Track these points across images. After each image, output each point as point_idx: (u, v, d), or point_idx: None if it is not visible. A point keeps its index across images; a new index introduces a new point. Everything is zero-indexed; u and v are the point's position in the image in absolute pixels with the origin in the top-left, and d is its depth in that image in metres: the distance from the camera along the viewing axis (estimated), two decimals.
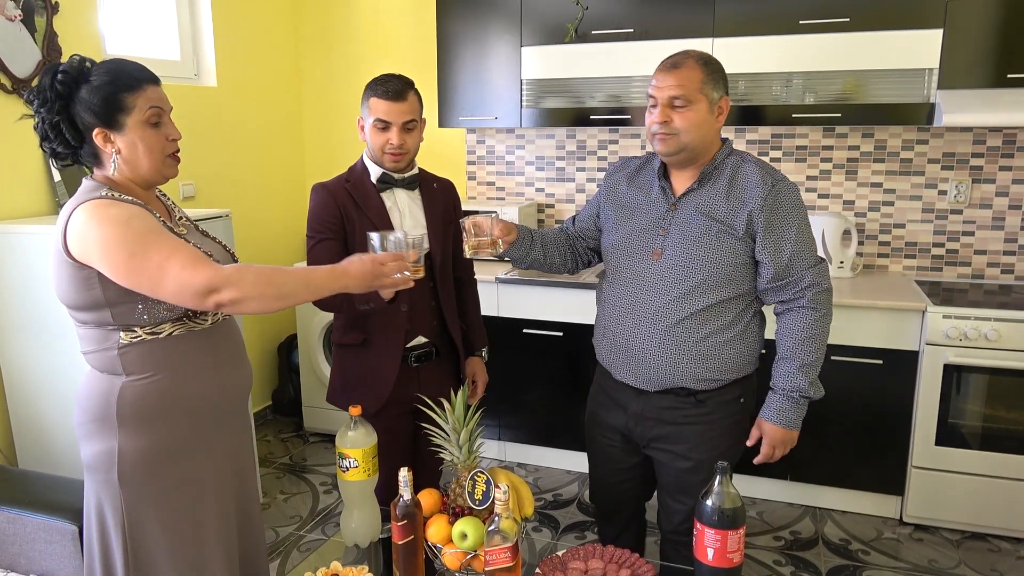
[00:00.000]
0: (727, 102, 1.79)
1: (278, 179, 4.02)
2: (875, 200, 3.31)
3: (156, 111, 1.51)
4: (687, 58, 1.76)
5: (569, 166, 3.73)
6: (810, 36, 2.91)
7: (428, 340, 2.14)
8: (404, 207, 2.09)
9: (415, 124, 2.03)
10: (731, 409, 1.87)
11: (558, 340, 3.24)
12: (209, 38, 3.48)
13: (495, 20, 3.34)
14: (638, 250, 1.86)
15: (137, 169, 1.52)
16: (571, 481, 3.34)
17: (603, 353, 1.99)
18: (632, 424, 1.94)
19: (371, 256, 1.58)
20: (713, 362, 1.81)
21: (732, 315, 1.81)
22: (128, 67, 1.52)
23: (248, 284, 1.42)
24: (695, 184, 1.81)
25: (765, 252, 1.76)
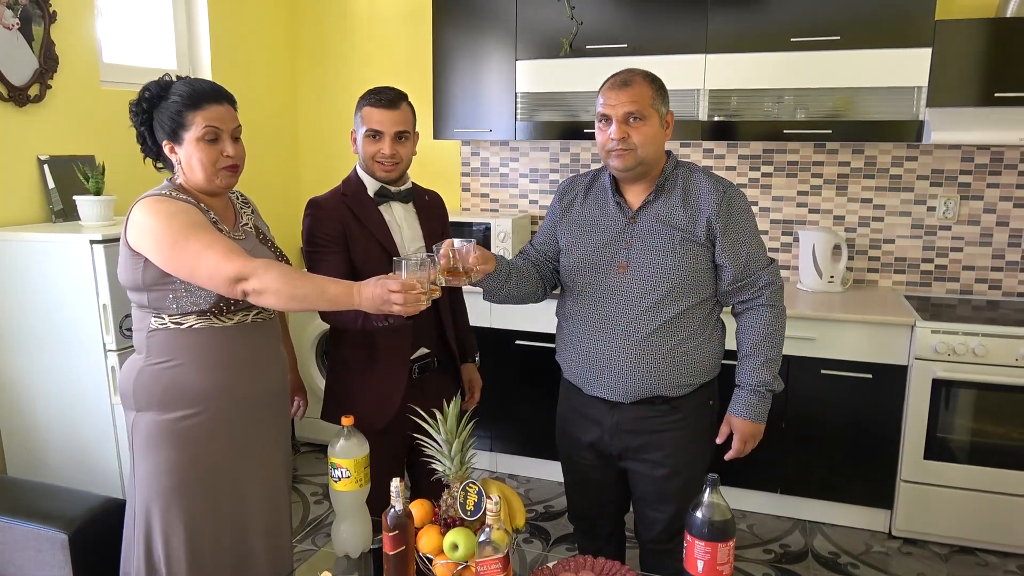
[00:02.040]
0: (672, 116, 1.87)
1: (272, 192, 4.02)
2: (865, 216, 3.34)
3: (212, 130, 1.69)
4: (635, 75, 1.82)
5: (563, 178, 3.75)
6: (802, 53, 2.95)
7: (429, 351, 2.14)
8: (402, 220, 2.09)
9: (408, 135, 2.02)
10: (702, 412, 1.93)
11: (550, 351, 3.23)
12: (206, 49, 3.50)
13: (491, 34, 3.37)
14: (602, 265, 1.88)
15: (192, 178, 1.72)
16: (562, 493, 3.32)
17: (572, 369, 1.99)
18: (607, 438, 1.94)
19: (384, 282, 1.60)
20: (686, 367, 1.86)
21: (699, 320, 1.86)
22: (199, 86, 1.71)
23: (270, 278, 1.57)
24: (651, 196, 1.86)
25: (725, 255, 1.83)
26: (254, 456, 1.83)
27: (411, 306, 1.59)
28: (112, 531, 1.81)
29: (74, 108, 2.82)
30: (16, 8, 2.58)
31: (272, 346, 1.87)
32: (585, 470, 2.04)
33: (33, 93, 2.65)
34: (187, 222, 1.62)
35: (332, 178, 4.11)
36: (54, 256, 2.40)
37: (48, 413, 2.52)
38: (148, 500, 1.74)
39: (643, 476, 1.95)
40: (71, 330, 2.42)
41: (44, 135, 2.72)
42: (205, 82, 1.73)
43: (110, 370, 2.38)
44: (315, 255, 2.00)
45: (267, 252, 1.82)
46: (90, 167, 2.71)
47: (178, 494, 1.73)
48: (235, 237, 1.74)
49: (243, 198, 1.95)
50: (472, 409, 2.28)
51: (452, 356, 2.21)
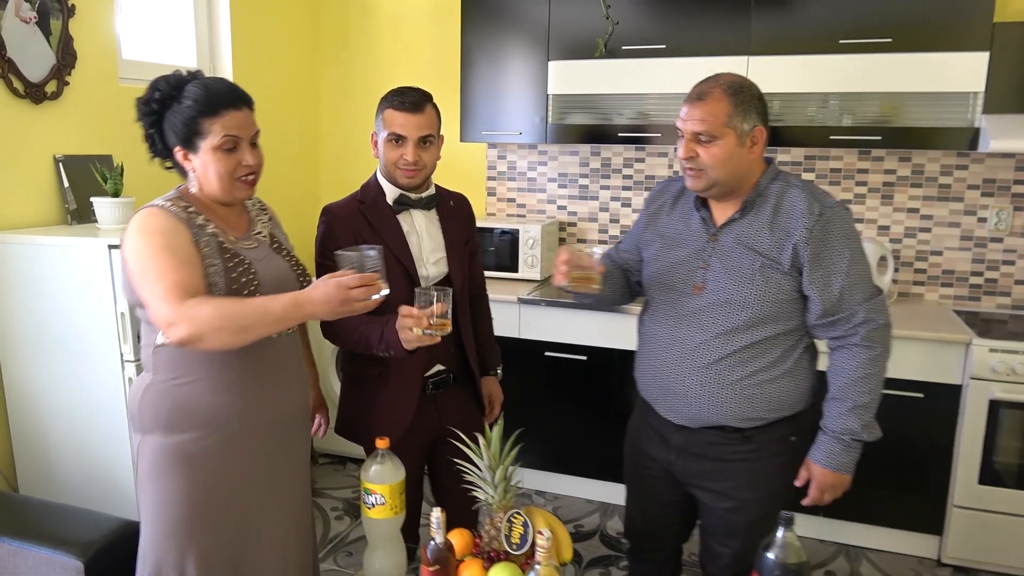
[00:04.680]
0: (762, 132, 1.66)
1: (291, 195, 3.91)
2: (911, 226, 3.20)
3: (230, 139, 1.56)
4: (715, 87, 1.63)
5: (593, 184, 3.63)
6: (850, 56, 2.81)
7: (445, 367, 2.03)
8: (422, 229, 1.97)
9: (432, 140, 1.90)
10: (781, 447, 1.76)
11: (581, 364, 3.12)
12: (227, 47, 3.39)
13: (522, 33, 3.25)
14: (678, 283, 1.77)
15: (207, 188, 1.59)
16: (592, 511, 3.21)
17: (644, 388, 1.90)
18: (674, 458, 1.83)
19: (336, 280, 1.48)
20: (759, 401, 1.70)
21: (779, 352, 1.70)
22: (216, 89, 1.56)
23: (203, 320, 1.42)
24: (737, 214, 1.71)
25: (813, 287, 1.65)
26: (272, 483, 1.68)
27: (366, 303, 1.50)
28: (130, 557, 1.67)
29: (92, 106, 2.72)
30: (34, 1, 2.47)
31: (291, 362, 1.72)
32: (650, 488, 1.93)
33: (50, 90, 2.54)
34: (160, 246, 1.47)
35: (353, 182, 3.99)
36: (71, 260, 2.29)
37: (62, 427, 2.40)
38: (156, 533, 1.59)
39: (710, 507, 1.83)
40: (87, 339, 2.30)
41: (60, 133, 2.61)
42: (222, 82, 1.60)
43: (127, 382, 2.27)
44: (322, 267, 1.91)
45: (280, 263, 1.68)
46: (108, 167, 2.60)
47: (188, 526, 1.58)
48: (245, 247, 1.61)
49: (260, 204, 1.81)
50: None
51: (470, 371, 2.09)
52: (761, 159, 1.71)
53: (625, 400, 3.13)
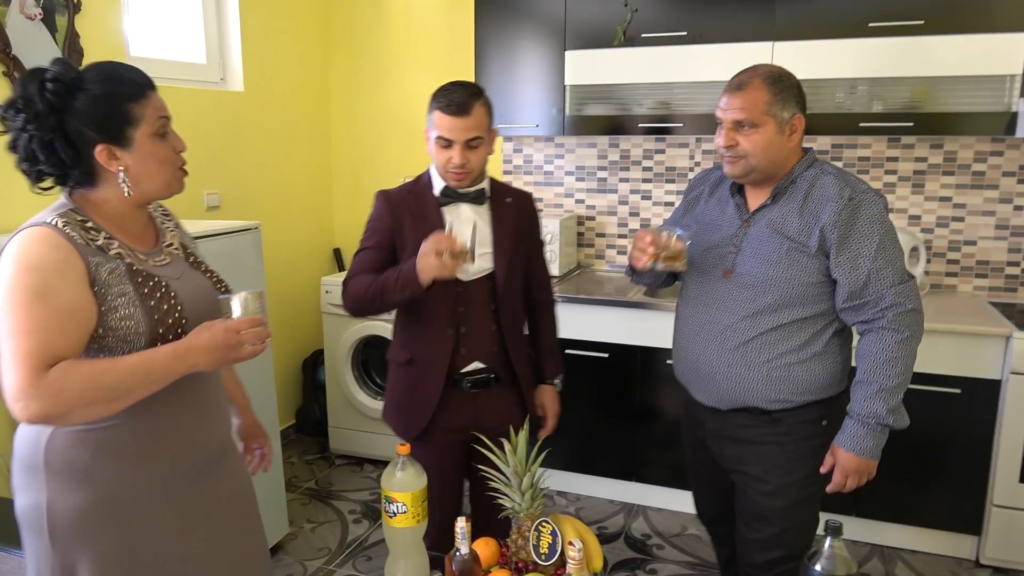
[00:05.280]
0: (801, 120, 1.70)
1: (305, 188, 3.85)
2: (944, 215, 3.09)
3: (164, 121, 1.35)
4: (754, 77, 1.69)
5: (611, 176, 3.54)
6: (880, 40, 2.71)
7: (486, 366, 1.97)
8: (470, 223, 1.92)
9: (480, 141, 1.86)
10: (811, 431, 1.77)
11: (603, 362, 3.04)
12: (236, 41, 3.32)
13: (537, 22, 3.17)
14: (710, 268, 1.81)
15: (144, 187, 1.35)
16: (616, 512, 3.13)
17: (679, 371, 1.95)
18: (710, 442, 1.90)
19: (222, 324, 1.31)
20: (785, 383, 1.73)
21: (807, 335, 1.72)
22: (126, 72, 1.34)
23: (70, 395, 1.19)
24: (768, 200, 1.75)
25: (840, 269, 1.67)
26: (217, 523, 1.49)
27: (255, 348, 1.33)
28: None
29: None
30: None
31: (218, 392, 1.52)
32: (701, 469, 2.02)
33: None
34: (32, 290, 1.20)
35: (365, 175, 3.98)
36: None
37: None
38: None
39: (741, 491, 1.86)
40: None
41: None
42: (127, 66, 1.36)
43: None
44: (362, 252, 1.95)
45: (199, 279, 1.46)
46: None
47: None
48: (158, 264, 1.38)
49: (163, 210, 1.54)
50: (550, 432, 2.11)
51: (514, 375, 2.01)
52: (799, 147, 1.75)
53: (648, 398, 3.04)
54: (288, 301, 3.73)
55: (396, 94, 3.81)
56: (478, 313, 1.93)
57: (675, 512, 3.10)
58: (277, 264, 3.59)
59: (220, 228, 2.52)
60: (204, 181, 3.13)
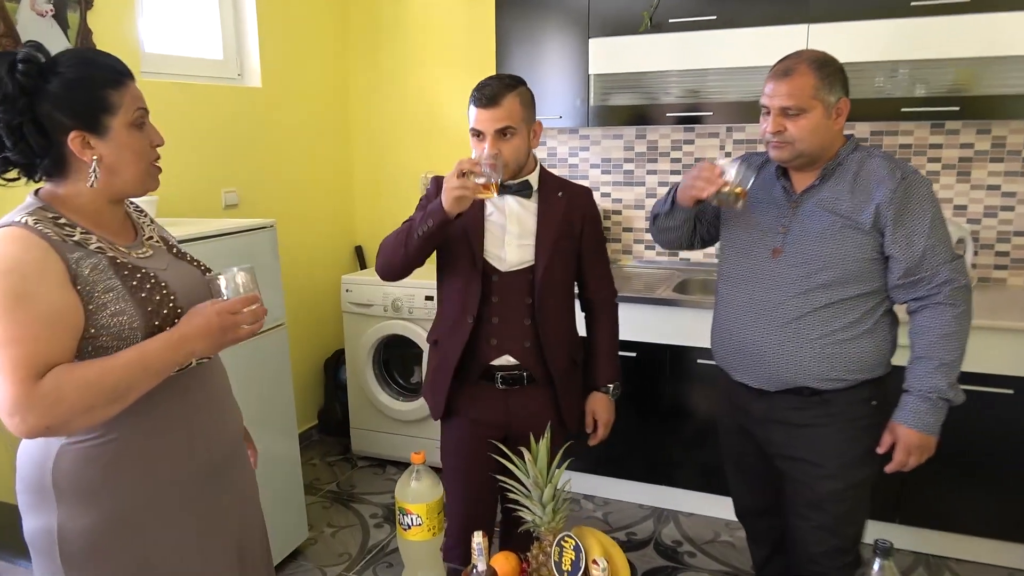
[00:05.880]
0: (846, 103, 1.73)
1: (325, 185, 3.79)
2: (992, 205, 2.92)
3: (142, 112, 1.29)
4: (799, 62, 1.69)
5: (638, 169, 3.42)
6: (923, 19, 2.55)
7: (518, 362, 1.90)
8: (511, 214, 1.89)
9: (513, 131, 1.81)
10: (861, 411, 1.77)
11: (630, 361, 2.93)
12: (253, 37, 3.26)
13: (559, 10, 3.06)
14: (757, 248, 1.81)
15: (117, 180, 1.27)
16: (645, 517, 3.02)
17: (720, 353, 1.94)
18: (755, 428, 1.88)
19: (215, 306, 1.25)
20: (838, 360, 1.73)
21: (860, 312, 1.73)
22: (103, 58, 1.28)
23: (67, 403, 1.13)
24: (817, 180, 1.75)
25: (896, 246, 1.68)
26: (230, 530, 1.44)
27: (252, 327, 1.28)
28: None
29: None
30: None
31: (225, 388, 1.48)
32: (742, 458, 1.98)
33: None
34: (14, 293, 1.13)
35: (386, 170, 3.90)
36: None
37: None
38: None
39: (791, 477, 1.83)
40: None
41: None
42: (103, 52, 1.30)
43: None
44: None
45: (187, 268, 1.40)
46: None
47: None
48: (141, 257, 1.32)
49: (135, 206, 1.47)
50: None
51: (548, 375, 1.92)
52: (842, 131, 1.77)
53: (679, 399, 2.93)
54: (308, 300, 3.67)
55: (417, 88, 3.73)
56: (513, 305, 1.88)
57: (707, 517, 2.98)
58: (297, 263, 3.54)
59: (235, 227, 2.46)
60: (222, 179, 3.08)
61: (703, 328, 2.86)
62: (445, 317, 1.96)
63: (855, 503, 1.80)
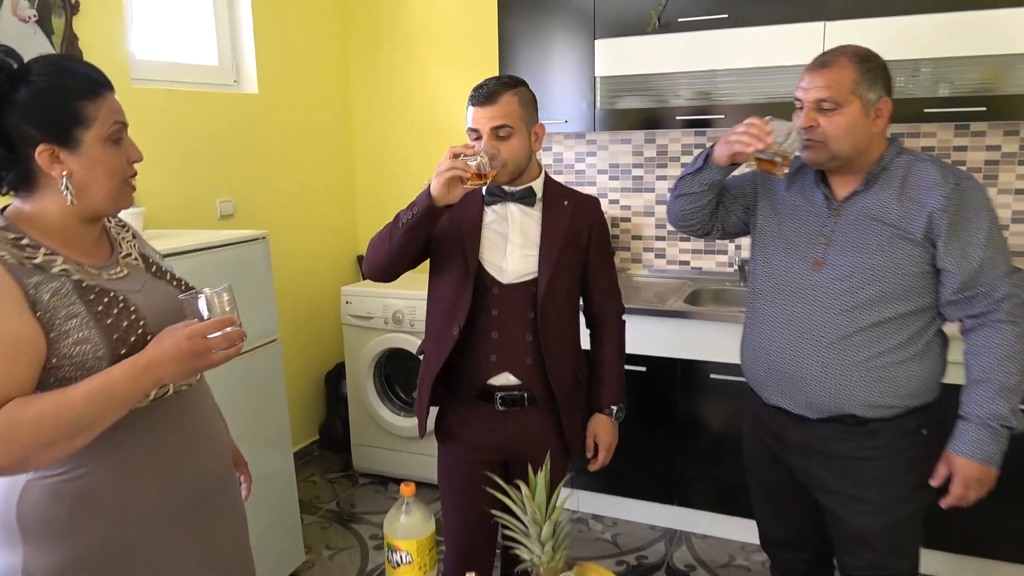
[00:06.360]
0: (888, 104, 1.58)
1: (325, 194, 3.69)
2: (1020, 210, 2.78)
3: (120, 126, 1.20)
4: (840, 55, 1.58)
5: (648, 174, 3.30)
6: (947, 15, 2.42)
7: (520, 382, 1.78)
8: (514, 223, 1.79)
9: (510, 131, 1.70)
10: (911, 441, 1.63)
11: (640, 375, 2.80)
12: (249, 41, 3.17)
13: (563, 11, 2.95)
14: (795, 260, 1.67)
15: (87, 198, 1.19)
16: (656, 539, 2.89)
17: (752, 374, 1.79)
18: (792, 458, 1.73)
19: (186, 330, 1.15)
20: (886, 385, 1.58)
21: (910, 332, 1.59)
22: (80, 67, 1.19)
23: (22, 441, 1.04)
24: (861, 186, 1.61)
25: (950, 258, 1.54)
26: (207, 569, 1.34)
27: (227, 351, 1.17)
28: None
29: None
30: None
31: (208, 417, 1.38)
32: (768, 487, 1.85)
33: None
34: None
35: (389, 177, 3.80)
36: None
37: None
38: None
39: (835, 513, 1.69)
40: None
41: None
42: (82, 61, 1.22)
43: None
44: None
45: (165, 289, 1.31)
46: None
47: None
48: (113, 278, 1.23)
49: (119, 222, 1.39)
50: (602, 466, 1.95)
51: (552, 397, 1.81)
52: (884, 134, 1.62)
53: (691, 415, 2.80)
54: (308, 311, 3.57)
55: (420, 92, 3.63)
56: (514, 319, 1.77)
57: (721, 539, 2.85)
58: (296, 273, 3.44)
59: (226, 239, 2.36)
60: (217, 189, 2.99)
61: (716, 342, 2.76)
62: (430, 326, 1.86)
63: (906, 535, 1.68)
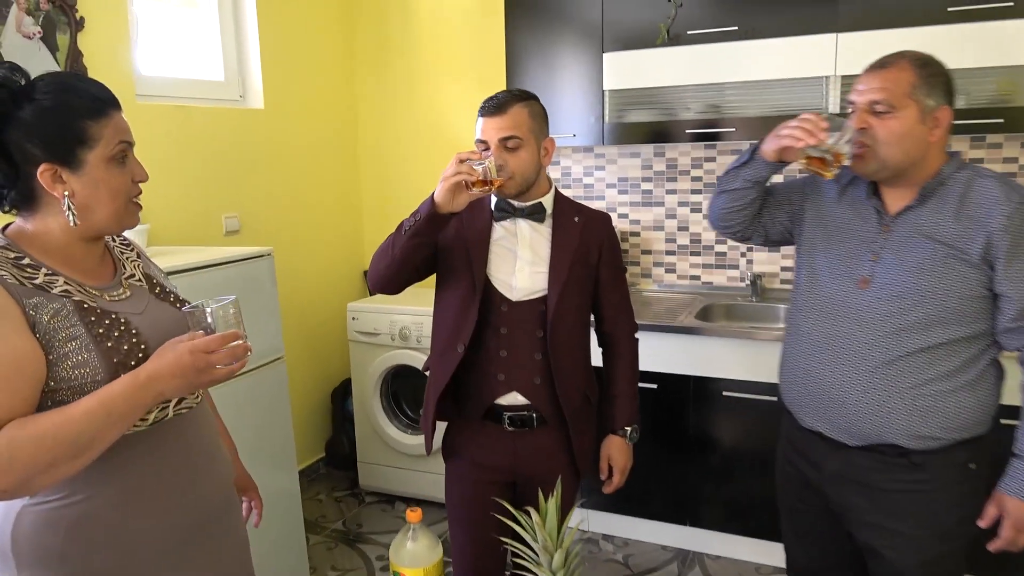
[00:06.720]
0: (948, 113, 1.48)
1: (331, 209, 3.67)
2: None
3: (124, 146, 1.18)
4: (900, 58, 1.50)
5: (657, 188, 3.26)
6: (961, 26, 2.39)
7: (528, 401, 1.74)
8: (523, 239, 1.75)
9: (519, 142, 1.67)
10: (957, 476, 1.53)
11: (651, 393, 2.75)
12: (255, 56, 3.16)
13: (572, 23, 2.92)
14: (840, 276, 1.58)
15: (90, 218, 1.17)
16: (668, 560, 2.83)
17: (790, 395, 1.70)
18: (826, 486, 1.63)
19: (188, 344, 1.12)
20: (933, 416, 1.49)
21: (961, 360, 1.49)
22: (86, 85, 1.17)
23: (22, 463, 1.02)
24: (915, 201, 1.52)
25: (1008, 283, 1.45)
26: None
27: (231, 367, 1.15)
28: None
29: None
30: (38, 15, 2.27)
31: (209, 440, 1.35)
32: (809, 523, 1.73)
33: None
34: None
35: (396, 192, 3.77)
36: None
37: None
38: None
39: (873, 550, 1.60)
40: None
41: None
42: (89, 79, 1.20)
43: None
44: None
45: (169, 311, 1.29)
46: None
47: None
48: (115, 299, 1.21)
49: (123, 241, 1.38)
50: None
51: (562, 418, 1.76)
52: (943, 147, 1.53)
53: (703, 433, 2.75)
54: (314, 327, 3.54)
55: (427, 106, 3.61)
56: (523, 338, 1.73)
57: (735, 561, 2.78)
58: (302, 289, 3.41)
59: (230, 256, 2.33)
60: (223, 205, 2.97)
61: (728, 358, 2.71)
62: (435, 342, 1.82)
63: (950, 568, 1.60)
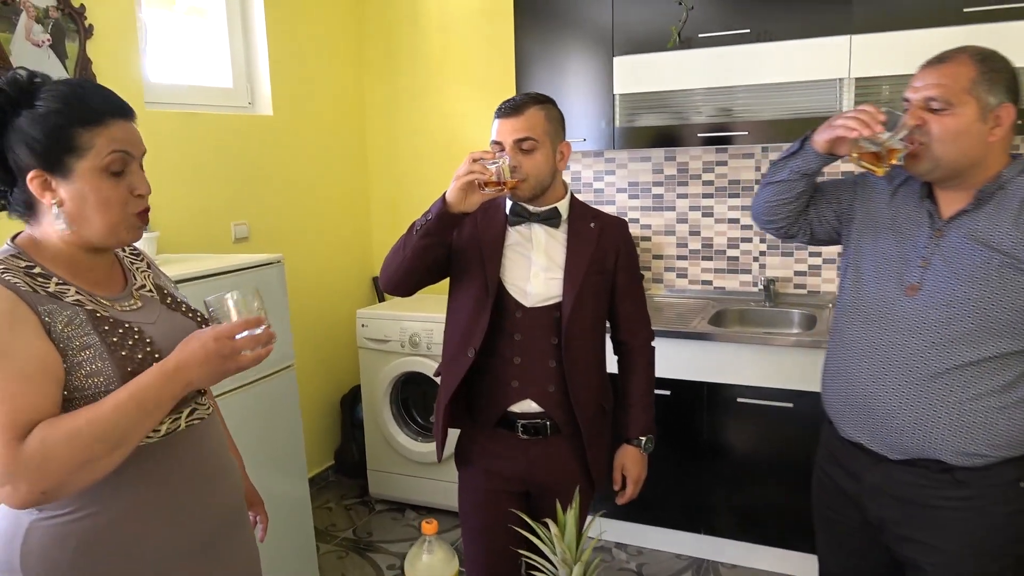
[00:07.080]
0: (1011, 111, 1.39)
1: (341, 216, 3.65)
2: None
3: (120, 156, 1.13)
4: (960, 53, 1.42)
5: (668, 193, 3.24)
6: (978, 27, 2.35)
7: (543, 410, 1.71)
8: (538, 245, 1.73)
9: (536, 143, 1.65)
10: (1006, 495, 1.44)
11: (665, 400, 2.72)
12: (264, 63, 3.15)
13: (582, 27, 2.90)
14: (888, 282, 1.51)
15: (83, 229, 1.14)
16: (682, 569, 2.79)
17: (831, 402, 1.63)
18: (866, 499, 1.55)
19: (212, 331, 1.12)
20: (980, 432, 1.41)
21: (1014, 374, 1.41)
22: (90, 93, 1.14)
23: (59, 463, 1.01)
24: (970, 205, 1.43)
25: None
26: None
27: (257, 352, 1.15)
28: None
29: None
30: (47, 23, 2.27)
31: (220, 452, 1.33)
32: (838, 526, 1.66)
33: None
34: None
35: (406, 198, 3.75)
36: None
37: None
38: None
39: (914, 565, 1.52)
40: None
41: None
42: (100, 87, 1.18)
43: None
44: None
45: (181, 322, 1.27)
46: None
47: None
48: (127, 309, 1.20)
49: (133, 250, 1.36)
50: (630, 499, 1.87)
51: (576, 426, 1.73)
52: (1005, 148, 1.44)
53: (717, 440, 2.71)
54: (323, 334, 3.52)
55: (436, 111, 3.60)
56: (537, 344, 1.71)
57: (751, 569, 2.75)
58: (310, 297, 3.39)
59: (240, 263, 2.32)
60: (232, 212, 2.95)
61: (742, 364, 2.67)
62: (447, 347, 1.81)
63: None
